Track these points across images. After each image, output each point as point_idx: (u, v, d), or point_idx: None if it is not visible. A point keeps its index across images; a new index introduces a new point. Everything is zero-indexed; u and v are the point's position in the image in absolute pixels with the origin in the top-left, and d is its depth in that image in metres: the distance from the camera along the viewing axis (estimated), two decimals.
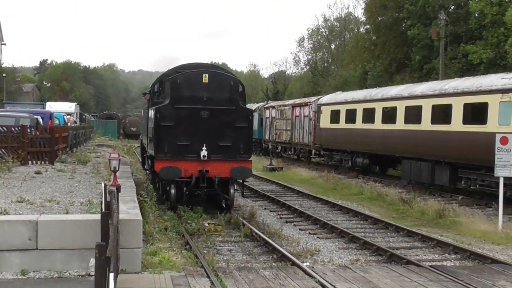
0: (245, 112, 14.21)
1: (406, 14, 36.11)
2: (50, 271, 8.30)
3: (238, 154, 13.66)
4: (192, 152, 13.39)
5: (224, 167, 13.43)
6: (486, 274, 9.06)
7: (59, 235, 8.52)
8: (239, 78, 15.99)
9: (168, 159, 13.27)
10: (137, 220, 8.88)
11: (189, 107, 13.46)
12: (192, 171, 13.21)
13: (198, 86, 13.57)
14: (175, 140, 13.31)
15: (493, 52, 29.87)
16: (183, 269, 8.80)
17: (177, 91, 13.53)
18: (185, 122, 13.41)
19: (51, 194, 12.33)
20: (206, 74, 13.70)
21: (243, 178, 13.98)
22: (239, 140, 13.74)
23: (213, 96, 13.61)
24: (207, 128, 13.44)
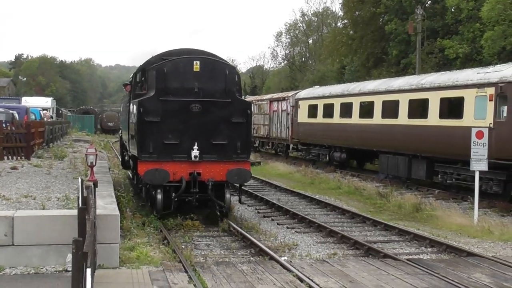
0: (243, 105, 12.63)
1: (384, 9, 36.73)
2: (26, 267, 8.36)
3: (235, 154, 12.22)
4: (181, 152, 11.94)
5: (218, 169, 12.02)
6: (461, 267, 9.39)
7: (35, 231, 8.57)
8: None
9: (153, 160, 11.73)
10: (115, 215, 9.00)
11: (177, 99, 11.97)
12: (182, 174, 11.76)
13: (188, 75, 12.06)
14: (162, 138, 11.86)
15: (469, 47, 30.53)
16: (161, 264, 8.93)
17: (164, 81, 11.92)
18: (173, 117, 11.93)
19: (27, 189, 12.50)
20: (197, 61, 12.10)
21: (241, 182, 12.49)
22: (236, 137, 12.27)
23: (205, 87, 12.09)
24: (198, 124, 12.02)
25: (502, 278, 8.67)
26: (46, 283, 7.81)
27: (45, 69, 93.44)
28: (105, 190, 10.95)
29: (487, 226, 13.02)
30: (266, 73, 77.44)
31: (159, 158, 11.71)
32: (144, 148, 11.81)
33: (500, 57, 27.52)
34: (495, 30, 28.01)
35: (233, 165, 11.99)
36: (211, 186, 11.67)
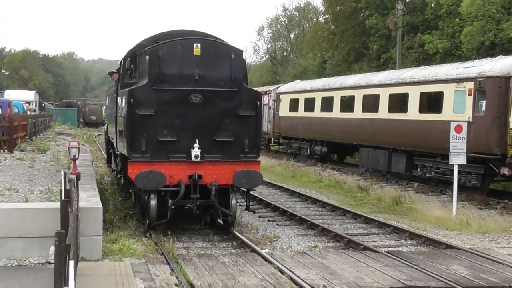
0: (252, 96, 11.06)
1: (364, 4, 37.38)
2: (9, 260, 8.50)
3: (242, 154, 10.75)
4: (179, 151, 10.44)
5: (223, 170, 10.57)
6: (440, 259, 9.67)
7: (18, 223, 8.70)
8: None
9: (146, 161, 10.24)
10: (97, 208, 9.22)
11: (174, 88, 10.44)
12: (180, 177, 10.26)
13: (187, 60, 10.52)
14: (156, 135, 10.35)
15: (448, 42, 31.18)
16: (143, 257, 9.12)
17: (158, 67, 10.37)
18: (169, 110, 10.42)
19: (10, 182, 12.74)
20: (198, 43, 10.52)
21: (251, 186, 10.98)
22: (243, 133, 10.79)
23: (208, 74, 10.57)
24: (199, 118, 10.51)
25: (479, 270, 8.97)
26: (29, 275, 7.94)
27: (28, 63, 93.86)
28: (88, 183, 11.11)
29: (465, 219, 13.43)
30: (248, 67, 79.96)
31: (153, 158, 10.28)
32: (135, 147, 10.31)
33: (479, 52, 28.01)
34: (474, 26, 28.51)
35: (240, 166, 10.59)
36: (214, 191, 10.24)
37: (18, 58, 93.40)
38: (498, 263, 9.43)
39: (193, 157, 10.11)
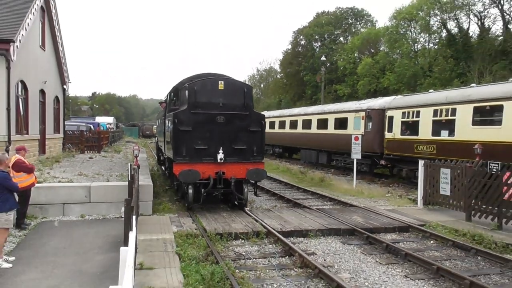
0: (258, 117, 13.63)
1: (303, 67, 60.90)
2: (98, 215, 11.90)
3: (252, 157, 13.27)
4: (209, 155, 12.93)
5: (239, 168, 13.07)
6: (346, 212, 13.41)
7: (103, 194, 12.19)
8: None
9: (186, 162, 12.73)
10: (149, 185, 12.68)
11: (206, 112, 12.98)
12: (210, 173, 12.81)
13: (214, 92, 13.07)
14: (193, 144, 12.83)
15: (350, 89, 51.11)
16: (176, 213, 12.83)
17: (195, 97, 12.94)
18: (202, 127, 12.92)
19: (98, 170, 16.33)
20: (221, 81, 13.22)
21: (259, 179, 13.48)
22: (252, 143, 13.31)
23: (228, 102, 13.16)
24: (222, 132, 13.03)
25: (369, 218, 12.55)
26: (109, 224, 11.10)
27: (109, 100, 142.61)
28: (144, 171, 14.60)
29: (360, 190, 18.63)
30: None
31: (191, 160, 12.79)
32: (178, 152, 12.78)
33: (368, 95, 44.29)
34: (365, 80, 47.37)
35: (251, 165, 13.14)
36: (233, 182, 12.85)
37: (104, 98, 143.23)
38: (379, 214, 13.16)
39: (218, 159, 12.86)
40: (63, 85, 26.21)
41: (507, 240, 10.54)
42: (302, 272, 8.58)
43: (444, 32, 42.81)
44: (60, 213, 11.96)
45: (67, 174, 15.15)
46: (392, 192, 18.53)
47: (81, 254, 8.65)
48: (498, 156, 14.40)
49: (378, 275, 8.57)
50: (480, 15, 40.20)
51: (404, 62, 44.06)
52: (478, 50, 37.19)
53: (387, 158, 21.91)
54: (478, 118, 16.65)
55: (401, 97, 22.89)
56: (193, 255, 8.96)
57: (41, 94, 21.11)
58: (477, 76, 34.71)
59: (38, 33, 20.66)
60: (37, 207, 11.79)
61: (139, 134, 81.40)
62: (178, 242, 9.73)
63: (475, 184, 12.65)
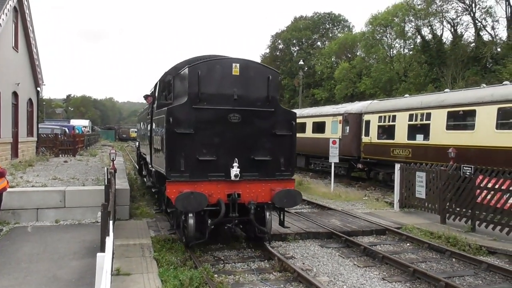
0: (287, 116, 10.13)
1: (281, 71, 59.62)
2: (73, 220, 11.68)
3: (278, 172, 9.87)
4: (218, 170, 9.43)
5: (260, 188, 9.64)
6: (324, 215, 13.61)
7: (79, 198, 12.03)
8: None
9: (186, 180, 9.21)
10: (126, 189, 12.63)
11: (214, 108, 9.47)
12: (220, 196, 9.30)
13: (226, 79, 9.56)
14: (196, 154, 9.32)
15: (328, 93, 52.20)
16: (154, 217, 12.75)
17: (198, 85, 9.34)
18: (208, 129, 9.42)
19: (74, 174, 16.06)
20: (237, 63, 9.65)
21: (292, 205, 9.81)
22: (279, 152, 9.88)
23: (245, 94, 9.67)
24: (238, 137, 9.55)
25: (346, 221, 12.78)
26: (85, 229, 10.85)
27: (85, 103, 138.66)
28: (121, 174, 14.59)
29: (338, 193, 18.86)
30: None
31: (193, 178, 9.26)
32: (174, 166, 9.24)
33: (345, 99, 44.48)
34: (342, 84, 48.80)
35: (277, 184, 9.70)
36: (253, 209, 9.32)
37: (79, 100, 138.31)
38: (357, 217, 13.42)
39: (232, 176, 9.27)
40: (37, 87, 25.75)
41: (480, 242, 10.76)
42: (281, 276, 8.60)
43: (419, 38, 43.81)
44: (34, 218, 11.77)
45: (41, 178, 14.93)
46: (369, 196, 18.79)
47: (55, 260, 8.49)
48: (471, 160, 14.72)
49: (356, 278, 8.68)
50: (453, 22, 41.23)
51: (380, 67, 44.93)
52: (451, 56, 38.12)
53: (364, 161, 22.21)
54: (452, 122, 17.00)
55: (378, 101, 23.26)
56: (171, 260, 8.93)
57: (13, 96, 20.69)
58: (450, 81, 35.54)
59: (10, 34, 20.27)
60: (9, 212, 11.57)
61: (115, 137, 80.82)
62: (156, 247, 9.66)
63: (449, 187, 12.89)
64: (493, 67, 34.56)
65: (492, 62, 36.28)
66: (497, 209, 11.37)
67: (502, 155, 14.45)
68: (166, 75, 11.76)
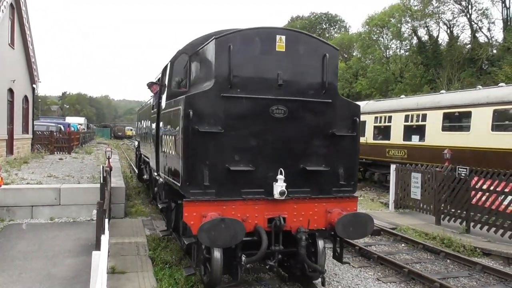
0: (350, 109, 7.56)
1: None
2: (68, 218, 11.63)
3: (336, 186, 7.34)
4: (256, 184, 6.88)
5: (313, 210, 7.12)
6: None
7: (74, 196, 11.83)
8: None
9: (211, 200, 6.63)
10: (122, 187, 12.63)
11: (251, 97, 6.89)
12: (258, 221, 6.79)
13: (267, 57, 6.96)
14: (225, 162, 6.74)
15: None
16: (149, 215, 12.77)
17: (229, 64, 6.74)
18: (243, 127, 6.87)
19: (69, 171, 16.13)
20: (282, 35, 7.01)
21: (361, 236, 7.11)
22: (338, 160, 7.36)
23: (294, 79, 7.11)
24: (284, 139, 7.03)
25: None
26: (80, 227, 10.75)
27: (80, 101, 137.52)
28: (116, 172, 14.59)
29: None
30: None
31: (221, 196, 6.69)
32: (194, 178, 6.62)
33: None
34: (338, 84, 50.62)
35: (334, 204, 7.24)
36: (304, 240, 6.79)
37: (74, 98, 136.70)
38: None
39: (276, 193, 6.72)
40: (32, 84, 25.67)
41: (475, 244, 10.82)
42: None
43: (415, 39, 43.98)
44: (29, 215, 11.73)
45: (36, 175, 14.88)
46: (364, 196, 18.75)
47: (50, 258, 8.47)
48: (467, 161, 14.79)
49: (351, 278, 8.70)
50: (449, 24, 41.44)
51: (376, 68, 45.09)
52: (447, 57, 38.31)
53: (359, 162, 22.16)
54: (447, 124, 17.07)
55: (374, 102, 23.28)
56: (166, 259, 8.91)
57: (9, 93, 20.63)
58: (446, 82, 35.72)
59: (7, 30, 20.20)
60: (4, 210, 11.53)
61: (110, 135, 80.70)
62: (151, 246, 9.64)
63: (445, 188, 12.95)
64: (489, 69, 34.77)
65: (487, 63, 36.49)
66: (492, 211, 11.44)
67: (497, 156, 14.53)
68: (179, 55, 8.91)
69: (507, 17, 37.47)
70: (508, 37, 34.82)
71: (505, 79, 27.92)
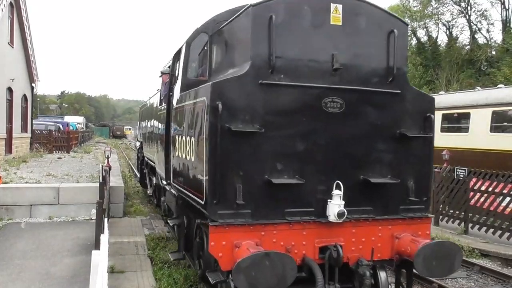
0: (425, 103, 5.95)
1: None
2: (67, 217, 11.50)
3: (404, 204, 5.82)
4: (304, 202, 5.36)
5: (376, 235, 5.63)
6: None
7: (72, 195, 11.70)
8: None
9: (246, 223, 5.09)
10: (121, 187, 12.57)
11: (298, 85, 5.33)
12: (305, 250, 5.29)
13: (319, 33, 5.39)
14: (264, 172, 5.20)
15: None
16: (148, 215, 12.74)
17: (269, 42, 5.19)
18: (287, 125, 5.32)
19: (68, 171, 16.13)
20: (338, 4, 5.46)
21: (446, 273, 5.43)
22: (408, 169, 5.84)
23: (353, 62, 5.58)
24: (340, 141, 5.51)
25: None
26: (79, 226, 10.66)
27: (79, 100, 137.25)
28: (115, 172, 14.57)
29: None
30: None
31: (258, 217, 5.16)
32: (223, 195, 5.06)
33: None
34: None
35: (402, 227, 5.73)
36: (369, 275, 5.37)
37: (73, 97, 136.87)
38: None
39: (333, 215, 5.23)
40: (31, 83, 25.66)
41: (473, 245, 10.84)
42: None
43: (414, 40, 44.05)
44: (27, 214, 11.68)
45: (35, 174, 14.85)
46: None
47: (49, 257, 8.45)
48: (465, 162, 14.81)
49: None
50: (449, 24, 41.56)
51: None
52: (446, 58, 38.41)
53: None
54: (446, 125, 17.10)
55: None
56: (165, 258, 8.89)
57: (8, 92, 20.62)
58: (445, 83, 35.81)
59: (6, 29, 20.19)
60: (2, 208, 11.50)
61: (109, 135, 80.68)
62: (150, 245, 9.62)
63: (443, 189, 12.97)
64: (488, 70, 34.88)
65: (486, 65, 36.60)
66: (490, 212, 11.46)
67: (496, 158, 14.56)
68: (197, 35, 7.00)
69: (506, 19, 37.59)
70: (507, 39, 34.94)
71: (504, 81, 27.98)
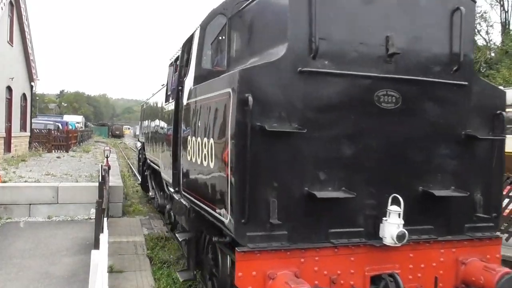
0: (495, 98, 4.97)
1: None
2: (66, 216, 11.41)
3: (471, 221, 4.87)
4: (350, 221, 4.39)
5: (438, 261, 4.67)
6: None
7: (72, 195, 11.63)
8: None
9: (282, 248, 4.07)
10: (120, 186, 12.42)
11: (346, 73, 4.33)
12: (354, 281, 4.32)
13: (369, 10, 4.44)
14: (303, 183, 4.16)
15: None
16: (147, 214, 12.64)
17: (310, 21, 4.18)
18: (332, 125, 4.30)
19: (67, 170, 16.08)
20: None
21: None
22: (475, 178, 4.88)
23: (411, 47, 4.60)
24: (395, 144, 4.53)
25: None
26: (78, 225, 10.57)
27: (78, 99, 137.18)
28: (114, 171, 14.52)
29: None
30: None
31: (295, 240, 4.20)
32: (253, 212, 4.06)
33: None
34: None
35: (468, 250, 4.78)
36: None
37: (72, 96, 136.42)
38: None
39: (391, 237, 4.25)
40: (31, 82, 25.65)
41: None
42: None
43: None
44: (26, 213, 11.66)
45: (34, 173, 14.82)
46: None
47: (48, 256, 8.43)
48: None
49: None
50: None
51: None
52: None
53: None
54: None
55: None
56: (164, 258, 8.89)
57: (7, 91, 20.61)
58: None
59: (5, 28, 20.19)
60: (1, 207, 11.48)
61: (108, 134, 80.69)
62: (149, 245, 9.58)
63: None
64: (487, 72, 34.91)
65: (485, 67, 36.64)
66: None
67: None
68: (214, 17, 5.91)
69: (505, 21, 37.63)
70: (506, 41, 34.99)
71: (503, 82, 28.00)
